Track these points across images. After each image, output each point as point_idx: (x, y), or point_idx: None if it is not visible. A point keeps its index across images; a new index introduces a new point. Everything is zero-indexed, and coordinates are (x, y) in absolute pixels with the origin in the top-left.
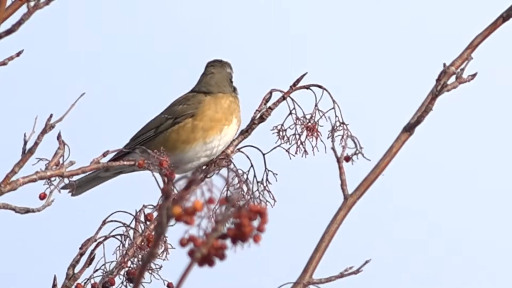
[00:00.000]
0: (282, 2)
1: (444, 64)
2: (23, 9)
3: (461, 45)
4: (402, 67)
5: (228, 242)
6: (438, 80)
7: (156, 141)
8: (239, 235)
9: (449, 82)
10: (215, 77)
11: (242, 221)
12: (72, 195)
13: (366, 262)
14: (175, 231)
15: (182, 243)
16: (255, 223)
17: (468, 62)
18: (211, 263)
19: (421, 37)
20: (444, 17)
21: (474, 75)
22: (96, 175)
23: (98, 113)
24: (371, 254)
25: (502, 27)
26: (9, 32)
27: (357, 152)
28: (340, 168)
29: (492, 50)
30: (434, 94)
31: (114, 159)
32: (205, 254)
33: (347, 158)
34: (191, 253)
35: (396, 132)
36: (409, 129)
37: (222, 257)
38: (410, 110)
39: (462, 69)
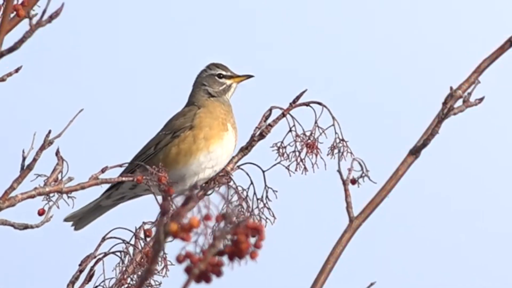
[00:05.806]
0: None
1: (451, 88)
2: (23, 25)
3: (468, 69)
4: (408, 89)
5: (225, 258)
6: (444, 103)
7: (157, 157)
8: (236, 252)
9: (456, 105)
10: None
11: (239, 237)
12: (75, 229)
13: (371, 284)
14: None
15: (179, 260)
16: (252, 240)
17: (476, 85)
18: (208, 280)
19: (428, 60)
20: (451, 41)
21: (481, 99)
22: (97, 204)
23: (97, 129)
24: (376, 276)
25: (509, 51)
26: (11, 50)
27: (363, 175)
28: (346, 190)
29: (500, 74)
30: (441, 118)
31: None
32: (202, 271)
33: (353, 181)
34: (188, 270)
35: (402, 154)
36: (415, 152)
37: (218, 273)
38: (417, 133)
39: (469, 93)
